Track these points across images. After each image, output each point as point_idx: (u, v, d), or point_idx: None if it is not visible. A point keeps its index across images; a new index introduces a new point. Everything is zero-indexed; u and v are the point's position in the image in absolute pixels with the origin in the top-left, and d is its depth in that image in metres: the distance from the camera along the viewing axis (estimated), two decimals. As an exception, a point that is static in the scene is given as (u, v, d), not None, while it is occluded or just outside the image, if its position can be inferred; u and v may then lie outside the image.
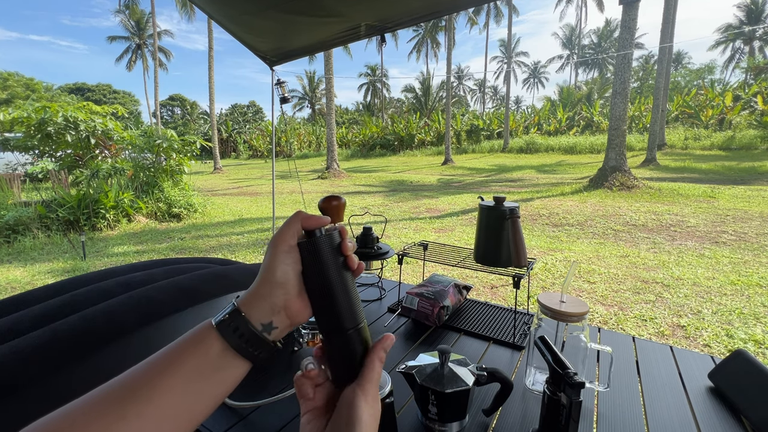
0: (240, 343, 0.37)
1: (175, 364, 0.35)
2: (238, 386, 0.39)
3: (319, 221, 0.42)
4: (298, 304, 0.41)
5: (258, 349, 0.38)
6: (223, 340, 0.37)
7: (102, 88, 50.25)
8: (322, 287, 0.41)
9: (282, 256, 0.40)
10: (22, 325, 1.20)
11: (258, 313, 0.39)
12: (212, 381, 0.37)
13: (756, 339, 2.53)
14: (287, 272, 0.40)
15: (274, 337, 0.40)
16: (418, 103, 40.03)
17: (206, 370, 0.36)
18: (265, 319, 0.39)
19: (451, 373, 0.72)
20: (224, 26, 2.21)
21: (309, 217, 0.42)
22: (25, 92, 31.26)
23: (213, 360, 0.37)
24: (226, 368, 0.38)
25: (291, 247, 0.41)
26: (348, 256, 0.43)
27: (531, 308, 1.38)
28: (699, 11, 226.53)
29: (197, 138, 8.64)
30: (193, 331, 0.38)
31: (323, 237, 0.42)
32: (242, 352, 0.38)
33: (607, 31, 46.43)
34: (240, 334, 0.38)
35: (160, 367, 0.35)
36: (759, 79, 21.26)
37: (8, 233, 5.71)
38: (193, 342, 0.37)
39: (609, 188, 8.73)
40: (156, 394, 0.34)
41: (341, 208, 0.53)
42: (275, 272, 0.39)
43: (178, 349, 0.37)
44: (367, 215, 7.29)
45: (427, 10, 1.83)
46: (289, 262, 0.40)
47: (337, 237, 0.43)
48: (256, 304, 0.39)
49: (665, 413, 0.81)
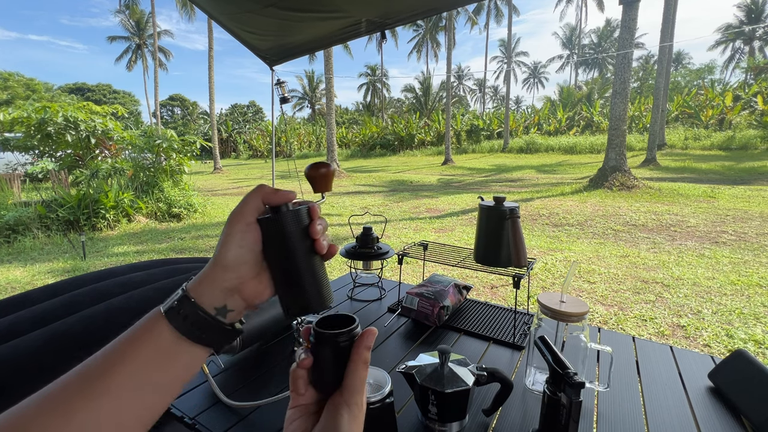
0: (191, 329, 0.36)
1: (125, 356, 0.34)
2: (238, 386, 0.39)
3: (284, 196, 0.38)
4: (255, 285, 0.38)
5: (213, 333, 0.37)
6: (173, 328, 0.36)
7: (102, 88, 50.25)
8: (283, 268, 0.38)
9: (237, 234, 0.37)
10: (21, 325, 1.20)
11: (209, 297, 0.37)
12: (167, 369, 0.36)
13: (756, 339, 2.52)
14: (241, 253, 0.37)
15: (230, 319, 0.38)
16: (418, 103, 40.04)
17: (159, 360, 0.35)
18: (218, 303, 0.37)
19: (451, 373, 0.72)
20: (224, 26, 2.21)
21: (272, 191, 0.39)
22: (25, 92, 31.26)
23: (165, 349, 0.36)
24: (181, 355, 0.36)
25: (249, 225, 0.38)
26: (316, 240, 0.39)
27: (531, 308, 1.38)
28: (699, 11, 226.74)
29: (197, 138, 8.64)
30: (143, 320, 0.37)
31: (288, 213, 0.38)
32: (195, 338, 0.36)
33: (607, 31, 46.45)
34: (191, 321, 0.36)
35: (110, 361, 0.34)
36: (759, 79, 21.25)
37: (8, 233, 5.71)
38: (143, 332, 0.36)
39: (609, 188, 8.73)
40: (108, 388, 0.33)
41: (329, 176, 0.49)
42: (226, 254, 0.37)
43: (127, 341, 0.35)
44: (367, 215, 7.29)
45: (427, 5, 1.83)
46: (245, 242, 0.37)
47: (305, 215, 0.39)
48: (207, 288, 0.37)
49: (665, 413, 0.81)
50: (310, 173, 0.48)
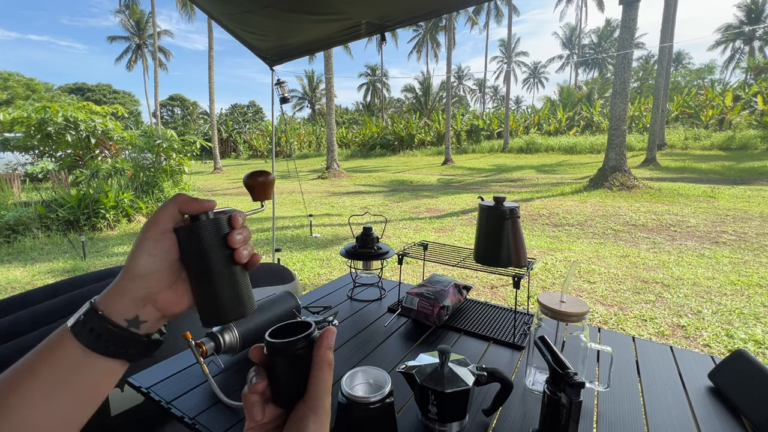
0: (99, 343, 0.35)
1: (33, 372, 0.33)
2: (238, 386, 0.38)
3: (202, 205, 0.38)
4: (169, 295, 0.37)
5: (125, 346, 0.36)
6: (80, 343, 0.35)
7: (102, 88, 50.24)
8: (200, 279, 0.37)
9: (149, 243, 0.36)
10: (21, 325, 1.20)
11: (119, 309, 0.36)
12: (79, 384, 0.35)
13: (756, 339, 2.52)
14: (152, 263, 0.36)
15: (145, 330, 0.37)
16: (418, 103, 40.03)
17: (68, 374, 0.34)
18: (129, 314, 0.36)
19: (451, 373, 0.72)
20: (224, 26, 2.21)
21: (190, 200, 0.38)
22: (25, 92, 31.26)
23: (74, 364, 0.35)
24: (93, 369, 0.35)
25: (163, 233, 0.37)
26: (235, 249, 0.38)
27: (531, 308, 1.38)
28: (699, 11, 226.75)
29: (197, 138, 8.64)
30: (50, 336, 0.36)
31: (205, 222, 0.37)
32: (105, 352, 0.35)
33: (607, 31, 46.43)
34: (97, 334, 0.35)
35: (15, 379, 0.33)
36: (759, 79, 21.25)
37: (8, 233, 5.71)
38: (49, 348, 0.35)
39: (609, 188, 8.73)
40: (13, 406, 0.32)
41: (268, 185, 0.47)
42: (135, 264, 0.36)
43: (33, 359, 0.35)
44: (367, 215, 7.29)
45: (427, 8, 1.83)
46: (157, 251, 0.36)
47: (224, 224, 0.38)
48: (116, 299, 0.36)
49: (665, 413, 0.81)
50: (248, 182, 0.47)
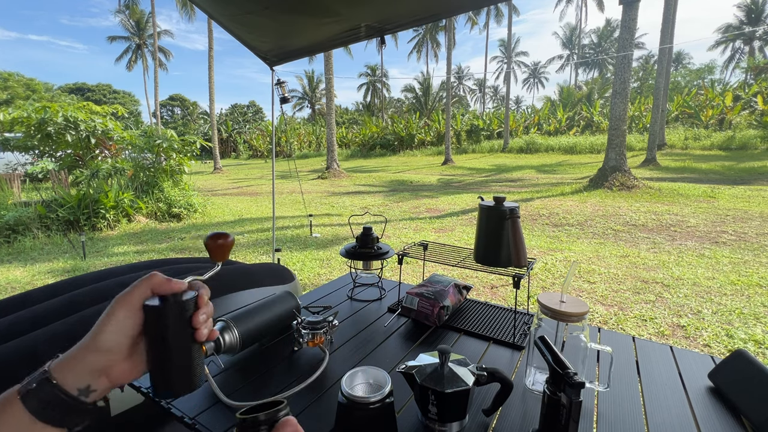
0: (47, 413, 0.35)
1: None
2: (238, 386, 0.39)
3: (171, 287, 0.39)
4: (124, 367, 0.39)
5: (72, 414, 0.36)
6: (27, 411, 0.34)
7: (102, 88, 50.24)
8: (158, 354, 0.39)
9: (117, 318, 0.38)
10: (21, 325, 1.20)
11: (73, 378, 0.36)
12: None
13: (756, 339, 2.52)
14: (115, 338, 0.37)
15: (92, 399, 0.38)
16: (418, 103, 40.02)
17: None
18: (82, 384, 0.36)
19: (451, 373, 0.72)
20: (224, 26, 2.21)
21: (162, 282, 0.39)
22: (25, 92, 31.26)
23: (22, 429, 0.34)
24: None
25: (133, 311, 0.38)
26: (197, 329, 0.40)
27: (531, 308, 1.38)
28: (699, 11, 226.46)
29: (197, 138, 8.64)
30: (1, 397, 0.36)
31: (173, 304, 0.39)
32: (52, 421, 0.35)
33: (607, 31, 46.43)
34: (46, 403, 0.35)
35: None
36: (759, 79, 21.24)
37: (8, 233, 5.71)
38: None
39: (609, 188, 8.73)
40: None
41: (227, 247, 0.50)
42: (101, 339, 0.37)
43: None
44: (367, 215, 7.29)
45: (426, 12, 1.83)
46: (124, 328, 0.38)
47: (191, 306, 0.40)
48: (72, 368, 0.36)
49: (665, 413, 0.81)
50: (208, 243, 0.50)
